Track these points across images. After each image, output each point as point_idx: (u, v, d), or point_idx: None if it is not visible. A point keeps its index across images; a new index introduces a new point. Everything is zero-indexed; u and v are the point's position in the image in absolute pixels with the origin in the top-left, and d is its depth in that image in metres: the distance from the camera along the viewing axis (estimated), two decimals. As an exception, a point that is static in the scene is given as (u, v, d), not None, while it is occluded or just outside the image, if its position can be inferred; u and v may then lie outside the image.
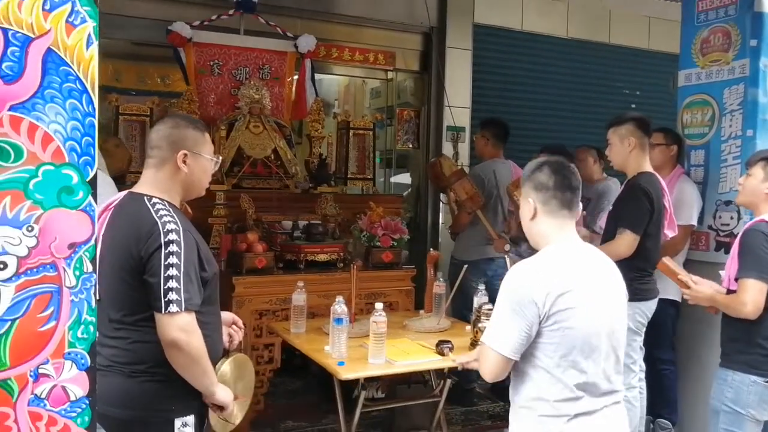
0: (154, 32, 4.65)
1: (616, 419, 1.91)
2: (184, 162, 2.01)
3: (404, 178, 6.43)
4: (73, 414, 1.55)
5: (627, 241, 3.11)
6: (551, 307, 1.78)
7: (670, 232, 3.34)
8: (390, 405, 3.71)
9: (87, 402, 1.58)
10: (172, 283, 1.83)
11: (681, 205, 3.62)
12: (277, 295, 3.56)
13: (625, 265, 3.15)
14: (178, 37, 4.47)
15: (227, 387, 2.04)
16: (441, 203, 5.83)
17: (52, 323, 1.53)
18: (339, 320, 2.65)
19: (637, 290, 3.15)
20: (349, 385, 2.93)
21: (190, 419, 1.95)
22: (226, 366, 2.10)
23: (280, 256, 3.76)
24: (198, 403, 1.98)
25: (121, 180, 3.63)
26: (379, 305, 2.62)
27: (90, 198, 1.57)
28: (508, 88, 6.07)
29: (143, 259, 1.86)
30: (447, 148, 5.79)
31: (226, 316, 2.24)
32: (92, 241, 1.58)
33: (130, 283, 1.88)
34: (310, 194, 4.39)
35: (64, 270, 1.54)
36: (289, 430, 3.87)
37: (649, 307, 3.29)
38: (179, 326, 1.82)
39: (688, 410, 3.84)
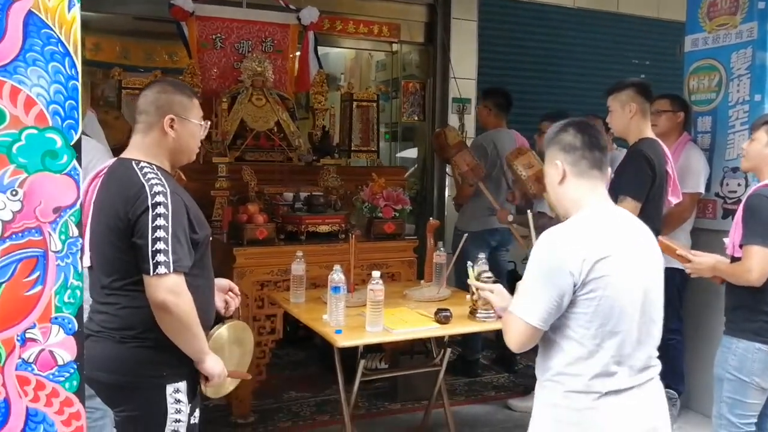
0: (158, 7, 4.62)
1: (649, 400, 1.80)
2: (171, 127, 1.99)
3: (411, 153, 6.39)
4: (61, 378, 1.55)
5: (628, 209, 3.06)
6: (588, 274, 1.68)
7: (674, 199, 3.30)
8: (389, 374, 3.72)
9: (75, 366, 1.58)
10: (160, 245, 1.82)
11: (688, 172, 3.57)
12: (279, 266, 3.55)
13: None
14: (181, 11, 4.44)
15: (219, 355, 2.03)
16: (447, 175, 5.79)
17: (39, 288, 1.53)
18: (336, 289, 2.64)
19: None
20: (352, 357, 2.93)
21: (182, 386, 1.95)
22: (223, 329, 2.09)
23: (282, 227, 3.76)
24: (190, 369, 1.98)
25: (121, 152, 3.62)
26: (376, 273, 2.61)
27: (75, 162, 1.56)
28: (515, 59, 5.98)
29: (131, 221, 1.85)
30: (453, 120, 5.74)
31: (221, 282, 2.24)
32: (77, 206, 1.57)
33: (119, 247, 1.88)
34: (313, 167, 4.37)
35: (50, 234, 1.54)
36: (291, 401, 3.89)
37: None
38: (168, 288, 1.81)
39: (694, 380, 3.82)
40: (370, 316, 2.58)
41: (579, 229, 1.77)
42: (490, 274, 2.79)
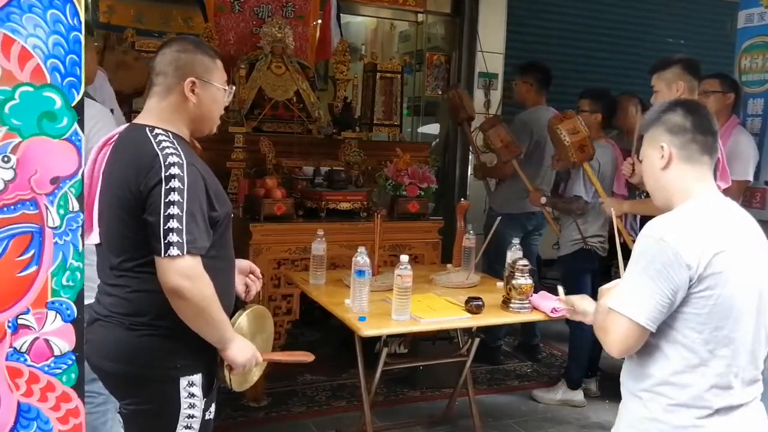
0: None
1: (755, 420, 1.60)
2: (192, 91, 1.77)
3: (432, 128, 6.16)
4: (58, 371, 1.38)
5: None
6: (706, 268, 1.49)
7: (722, 184, 3.07)
8: (414, 364, 3.54)
9: (73, 357, 1.40)
10: (173, 223, 1.60)
11: (735, 158, 3.32)
12: (297, 244, 3.36)
13: None
14: (197, -29, 4.22)
15: (251, 343, 1.84)
16: (470, 153, 5.57)
17: (33, 268, 1.34)
18: (361, 272, 2.45)
19: None
20: (370, 339, 2.74)
21: (197, 378, 1.76)
22: (243, 318, 1.90)
23: (301, 203, 3.56)
24: (206, 361, 1.79)
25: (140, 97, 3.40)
26: (404, 257, 2.41)
27: (76, 126, 1.37)
28: (546, 33, 5.71)
29: (142, 194, 1.64)
30: (479, 96, 5.51)
31: (242, 264, 2.05)
32: (78, 176, 1.38)
33: (129, 223, 1.68)
34: (333, 140, 4.17)
35: (47, 208, 1.35)
36: (306, 384, 3.72)
37: None
38: (181, 271, 1.61)
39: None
40: (396, 303, 2.39)
41: (691, 220, 1.57)
42: (526, 262, 2.59)
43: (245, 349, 1.80)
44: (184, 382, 1.74)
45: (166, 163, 1.64)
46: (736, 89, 3.48)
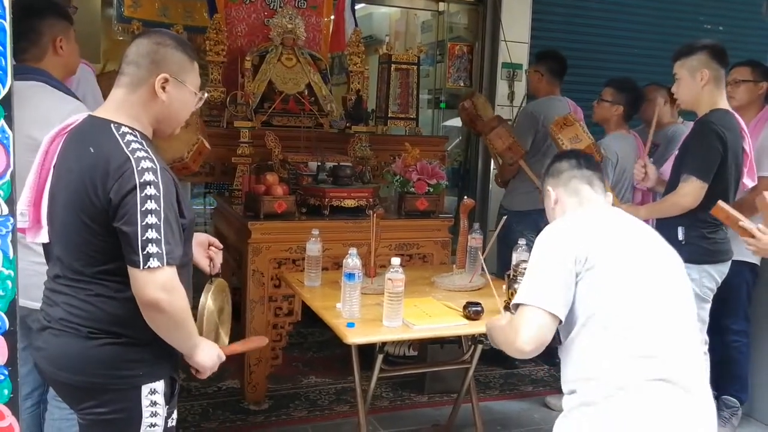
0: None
1: None
2: (163, 88, 1.66)
3: (456, 122, 5.98)
4: (-15, 387, 1.28)
5: (692, 190, 2.66)
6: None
7: (749, 182, 2.86)
8: (410, 371, 3.40)
9: (6, 373, 1.30)
10: (152, 233, 1.51)
11: (766, 153, 3.11)
12: (298, 243, 3.22)
13: (691, 218, 2.72)
14: (208, -40, 4.12)
15: (213, 342, 1.79)
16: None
17: (-45, 277, 1.25)
18: (350, 276, 2.31)
19: (705, 250, 2.73)
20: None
21: (159, 385, 1.68)
22: (209, 301, 1.85)
23: (304, 200, 3.44)
24: (168, 367, 1.72)
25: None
26: (395, 260, 2.27)
27: (2, 123, 1.26)
28: (573, 21, 5.48)
29: (112, 202, 1.53)
30: (502, 87, 5.32)
31: (200, 237, 1.98)
32: (7, 177, 1.28)
33: (93, 229, 1.57)
34: (345, 134, 4.04)
35: (-29, 211, 1.25)
36: (310, 387, 3.60)
37: (720, 270, 2.83)
38: (160, 284, 1.53)
39: (759, 388, 3.42)
40: (387, 309, 2.25)
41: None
42: (529, 265, 2.42)
43: (211, 351, 1.76)
44: (146, 390, 1.66)
45: (139, 168, 1.54)
46: (770, 77, 3.25)
